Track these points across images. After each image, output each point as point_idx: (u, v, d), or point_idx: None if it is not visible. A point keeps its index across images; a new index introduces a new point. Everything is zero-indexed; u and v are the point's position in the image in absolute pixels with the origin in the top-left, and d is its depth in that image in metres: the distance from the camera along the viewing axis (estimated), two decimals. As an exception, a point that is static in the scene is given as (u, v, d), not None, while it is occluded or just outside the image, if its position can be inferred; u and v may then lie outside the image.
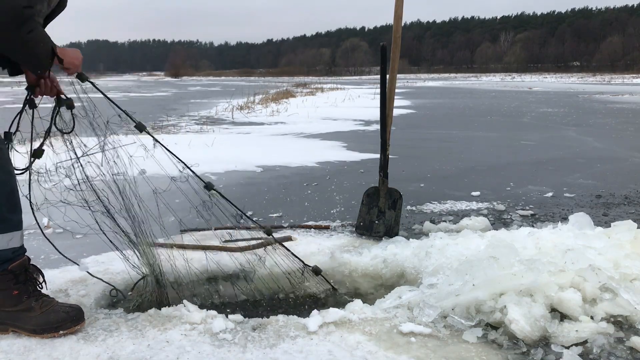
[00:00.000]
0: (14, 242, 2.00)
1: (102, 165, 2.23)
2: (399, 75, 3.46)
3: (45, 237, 2.27)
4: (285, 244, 2.66)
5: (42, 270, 2.15)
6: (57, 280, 2.41)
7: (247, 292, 2.49)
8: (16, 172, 2.07)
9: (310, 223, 3.49)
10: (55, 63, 2.01)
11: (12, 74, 2.14)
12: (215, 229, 2.98)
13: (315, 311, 2.09)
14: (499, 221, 3.61)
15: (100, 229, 2.26)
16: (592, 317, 2.03)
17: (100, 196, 2.23)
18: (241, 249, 2.76)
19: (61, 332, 1.93)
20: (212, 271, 2.57)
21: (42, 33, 1.93)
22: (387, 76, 3.20)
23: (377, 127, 8.22)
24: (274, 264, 2.51)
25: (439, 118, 12.31)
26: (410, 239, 2.91)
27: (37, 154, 2.21)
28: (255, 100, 16.81)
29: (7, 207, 1.97)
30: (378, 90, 3.37)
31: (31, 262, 2.09)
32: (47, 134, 2.20)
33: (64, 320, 1.94)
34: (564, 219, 3.42)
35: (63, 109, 2.19)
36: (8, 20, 1.80)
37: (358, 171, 5.50)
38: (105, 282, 2.35)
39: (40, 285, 2.09)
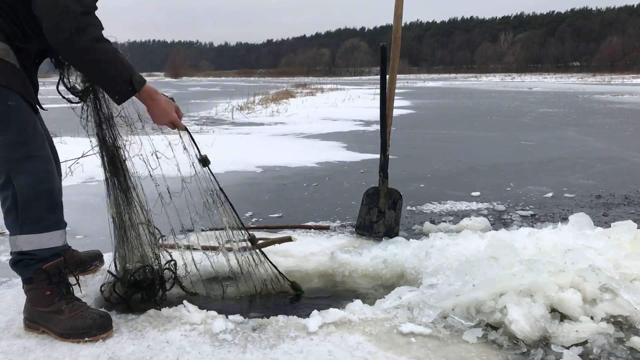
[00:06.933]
0: (54, 241, 1.99)
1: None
2: (398, 76, 3.46)
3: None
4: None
5: (76, 273, 2.16)
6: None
7: (245, 293, 2.49)
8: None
9: (310, 223, 3.49)
10: (140, 98, 2.00)
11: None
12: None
13: (315, 311, 2.10)
14: (499, 221, 3.61)
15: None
16: (592, 318, 2.03)
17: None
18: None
19: (86, 339, 1.91)
20: (211, 272, 2.57)
21: (115, 53, 1.91)
22: (387, 76, 3.20)
23: (377, 127, 8.22)
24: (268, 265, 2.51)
25: (439, 118, 12.30)
26: (410, 240, 2.91)
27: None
28: (255, 101, 16.80)
29: (45, 206, 1.95)
30: (378, 91, 3.37)
31: (67, 264, 2.08)
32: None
33: (90, 327, 1.92)
34: (564, 219, 3.42)
35: None
36: (67, 24, 1.81)
37: (358, 171, 5.50)
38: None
39: (72, 288, 2.08)
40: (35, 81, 2.12)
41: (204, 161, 2.23)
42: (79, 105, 2.17)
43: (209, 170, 2.26)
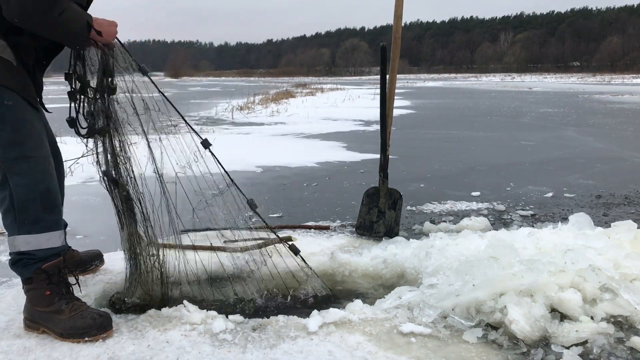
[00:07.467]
0: (52, 242, 1.99)
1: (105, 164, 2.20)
2: (398, 76, 3.46)
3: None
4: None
5: (76, 273, 2.16)
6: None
7: (247, 293, 2.49)
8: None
9: (310, 223, 3.49)
10: (93, 37, 1.97)
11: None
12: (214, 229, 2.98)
13: (315, 311, 2.09)
14: (499, 221, 3.61)
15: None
16: (592, 317, 2.03)
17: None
18: (242, 249, 2.76)
19: (86, 338, 1.91)
20: (213, 271, 2.57)
21: (74, 12, 1.89)
22: (387, 76, 3.20)
23: (377, 127, 8.22)
24: (274, 264, 2.51)
25: (439, 118, 12.30)
26: (410, 239, 2.91)
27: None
28: (255, 101, 16.80)
29: (42, 207, 1.94)
30: (378, 91, 3.37)
31: (67, 264, 2.07)
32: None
33: (90, 327, 1.92)
34: (564, 219, 3.42)
35: None
36: (37, 6, 1.78)
37: (358, 171, 5.50)
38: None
39: (72, 288, 2.08)
40: (39, 81, 2.10)
41: (143, 70, 2.22)
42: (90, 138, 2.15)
43: (150, 78, 2.22)
